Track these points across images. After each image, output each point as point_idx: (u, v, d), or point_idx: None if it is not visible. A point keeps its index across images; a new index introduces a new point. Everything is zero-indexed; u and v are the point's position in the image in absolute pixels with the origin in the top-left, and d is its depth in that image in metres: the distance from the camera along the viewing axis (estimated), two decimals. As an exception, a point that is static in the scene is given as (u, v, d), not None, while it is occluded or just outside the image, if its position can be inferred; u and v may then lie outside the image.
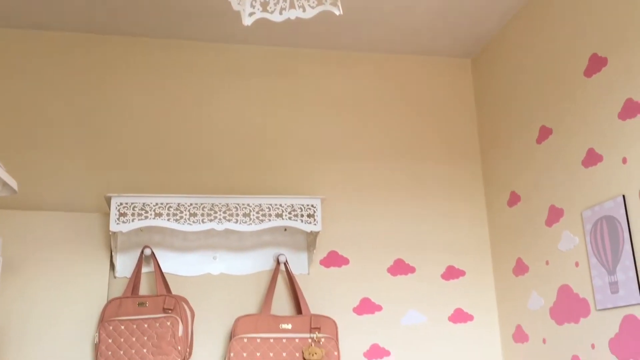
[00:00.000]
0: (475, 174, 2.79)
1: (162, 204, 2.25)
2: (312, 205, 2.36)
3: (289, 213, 2.33)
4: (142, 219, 2.22)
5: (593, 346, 2.03)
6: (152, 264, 2.40)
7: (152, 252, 2.36)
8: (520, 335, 2.46)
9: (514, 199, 2.53)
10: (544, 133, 2.33)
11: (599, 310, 2.01)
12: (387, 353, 2.51)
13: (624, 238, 1.89)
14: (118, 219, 2.20)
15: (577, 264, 2.12)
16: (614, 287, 1.93)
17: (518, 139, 2.51)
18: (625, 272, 1.88)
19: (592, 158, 2.06)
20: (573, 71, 2.17)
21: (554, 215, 2.26)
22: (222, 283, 2.46)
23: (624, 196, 1.90)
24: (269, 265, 2.50)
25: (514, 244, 2.51)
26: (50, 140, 2.51)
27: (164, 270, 2.40)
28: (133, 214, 2.22)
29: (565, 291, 2.19)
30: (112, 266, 2.37)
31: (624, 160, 1.91)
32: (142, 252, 2.35)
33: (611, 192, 1.97)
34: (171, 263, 2.43)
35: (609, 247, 1.96)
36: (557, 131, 2.26)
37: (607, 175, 1.99)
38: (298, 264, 2.52)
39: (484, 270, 2.67)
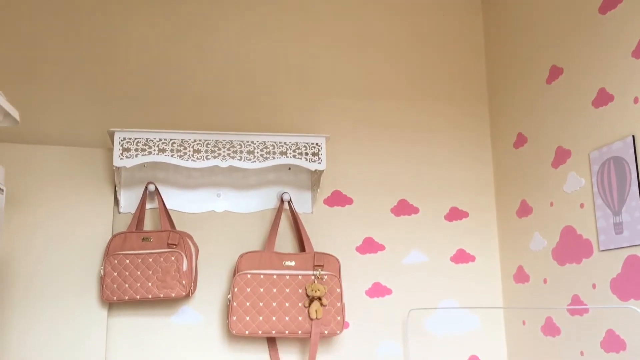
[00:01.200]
0: (482, 115, 2.76)
1: (165, 139, 2.23)
2: (317, 144, 2.34)
3: (294, 151, 2.31)
4: (145, 155, 2.21)
5: (594, 286, 2.05)
6: (156, 200, 2.40)
7: (156, 188, 2.36)
8: (521, 276, 2.48)
9: (520, 141, 2.50)
10: (555, 73, 2.28)
11: (602, 251, 2.01)
12: (389, 291, 2.54)
13: (632, 179, 1.88)
14: (121, 154, 2.19)
15: (582, 206, 2.12)
16: (618, 228, 1.93)
17: (527, 79, 2.46)
18: (630, 213, 1.88)
19: (602, 98, 2.03)
20: (587, 8, 2.11)
21: (561, 156, 2.24)
22: (226, 220, 2.47)
23: (633, 137, 1.87)
24: (273, 203, 2.51)
25: (519, 186, 2.51)
26: (53, 74, 2.47)
27: (168, 207, 2.40)
28: (137, 150, 2.20)
29: (568, 232, 2.19)
30: (117, 202, 2.38)
31: (636, 100, 1.87)
32: (146, 188, 2.35)
33: (620, 132, 1.94)
34: (175, 200, 2.43)
35: (615, 188, 1.94)
36: (568, 70, 2.21)
37: (617, 115, 1.95)
38: (302, 203, 2.53)
39: (488, 211, 2.68)
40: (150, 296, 2.16)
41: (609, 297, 1.98)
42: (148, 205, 2.40)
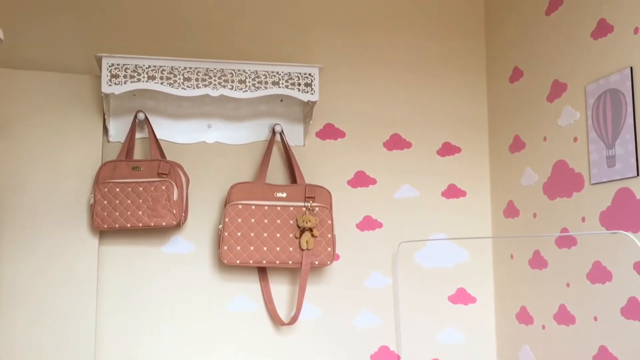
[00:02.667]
0: (478, 50, 2.71)
1: (155, 66, 2.17)
2: (310, 74, 2.29)
3: (286, 81, 2.27)
4: (134, 82, 2.16)
5: (583, 219, 2.06)
6: (146, 130, 2.37)
7: (146, 117, 2.32)
8: (511, 211, 2.49)
9: (516, 75, 2.47)
10: (555, 3, 2.23)
11: (593, 184, 2.02)
12: (380, 225, 2.55)
13: (627, 111, 1.86)
14: (109, 80, 2.14)
15: (575, 139, 2.11)
16: (611, 161, 1.93)
17: (526, 11, 2.41)
18: (624, 145, 1.87)
19: (602, 29, 1.99)
20: None
21: (557, 90, 2.21)
22: (217, 152, 2.44)
23: (631, 68, 1.85)
24: (265, 135, 2.48)
25: (513, 121, 2.49)
26: (36, -3, 2.39)
27: (158, 136, 2.37)
28: (125, 76, 2.15)
29: (560, 166, 2.19)
30: (105, 130, 2.34)
31: (636, 30, 1.84)
32: (136, 116, 2.31)
33: (618, 64, 1.91)
34: (165, 130, 2.40)
35: (610, 121, 1.93)
36: (568, 0, 2.16)
37: (616, 46, 1.92)
38: (294, 135, 2.50)
39: (480, 147, 2.67)
40: (140, 225, 2.15)
41: (598, 229, 1.99)
42: (138, 135, 2.37)
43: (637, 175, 1.83)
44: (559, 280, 2.19)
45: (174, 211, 2.16)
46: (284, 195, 2.32)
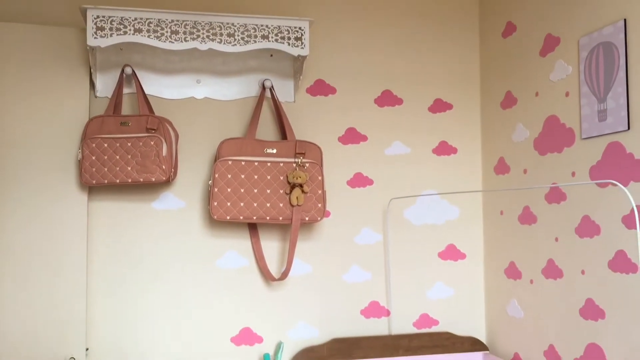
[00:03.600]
0: (471, 5, 2.67)
1: (141, 19, 2.13)
2: (300, 28, 2.25)
3: (276, 35, 2.23)
4: (120, 35, 2.11)
5: (573, 174, 2.07)
6: (133, 85, 2.33)
7: (133, 71, 2.28)
8: (501, 167, 2.49)
9: (509, 29, 2.44)
10: (549, -45, 2.19)
11: (584, 139, 2.01)
12: (370, 182, 2.55)
13: (620, 64, 1.85)
14: (95, 33, 2.09)
15: (567, 94, 2.09)
16: (602, 115, 1.92)
17: (520, -36, 2.36)
18: (616, 99, 1.86)
19: (597, -19, 1.95)
20: None
21: (550, 44, 2.19)
22: (206, 107, 2.41)
23: (625, 20, 1.82)
24: (254, 91, 2.45)
25: (505, 77, 2.47)
26: (17, -53, 2.31)
27: (146, 92, 2.34)
28: (111, 29, 2.10)
29: (551, 122, 2.18)
30: (92, 85, 2.30)
31: (631, -19, 1.81)
32: (123, 70, 2.27)
33: (612, 16, 1.88)
34: (153, 85, 2.36)
35: (602, 74, 1.91)
36: (563, -47, 2.12)
37: (611, -2, 1.89)
38: (284, 91, 2.47)
39: (472, 103, 2.65)
40: (130, 180, 2.14)
41: (589, 184, 2.00)
42: (125, 90, 2.33)
43: (628, 129, 1.82)
44: (547, 235, 2.20)
45: (164, 167, 2.15)
46: (274, 151, 2.31)
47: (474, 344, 2.53)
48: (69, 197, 2.19)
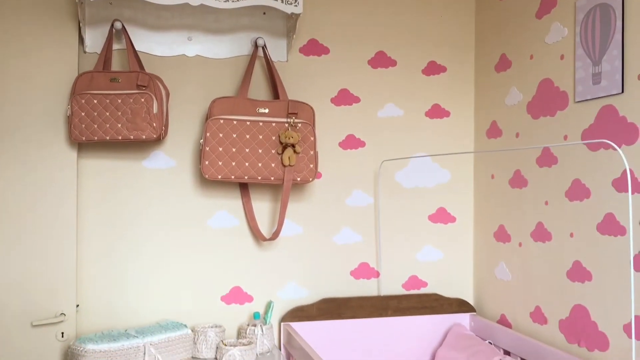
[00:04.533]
0: (467, -34, 2.63)
1: (131, -28, 2.07)
2: (294, -15, 2.21)
3: (269, -8, 2.19)
4: (110, -12, 2.06)
5: (566, 137, 2.07)
6: (123, 41, 2.29)
7: (123, 27, 2.23)
8: (494, 131, 2.49)
9: (506, -9, 2.41)
10: None
11: (577, 102, 2.01)
12: (362, 144, 2.54)
13: (616, 27, 1.83)
14: (84, -15, 2.04)
15: (562, 57, 2.08)
16: (596, 78, 1.91)
17: None
18: (611, 62, 1.85)
19: (596, -59, 1.92)
20: None
21: (546, 5, 2.16)
22: (197, 65, 2.38)
23: (623, -19, 1.81)
24: (247, 50, 2.41)
25: (500, 40, 2.45)
26: None
27: (136, 48, 2.29)
28: (100, -18, 2.05)
29: (545, 85, 2.17)
30: (81, 41, 2.26)
31: (631, -59, 1.78)
32: (112, 25, 2.23)
33: (611, -23, 1.86)
34: (144, 42, 2.32)
35: (598, 36, 1.90)
36: None
37: (610, -41, 1.87)
38: (277, 51, 2.44)
39: (466, 66, 2.63)
40: (120, 138, 2.11)
41: (580, 147, 2.00)
42: (115, 46, 2.29)
43: (622, 92, 1.82)
44: (537, 198, 2.21)
45: (154, 124, 2.12)
46: (266, 111, 2.29)
47: (461, 306, 2.56)
48: (59, 154, 2.16)
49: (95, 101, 2.11)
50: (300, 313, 2.40)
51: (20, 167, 2.12)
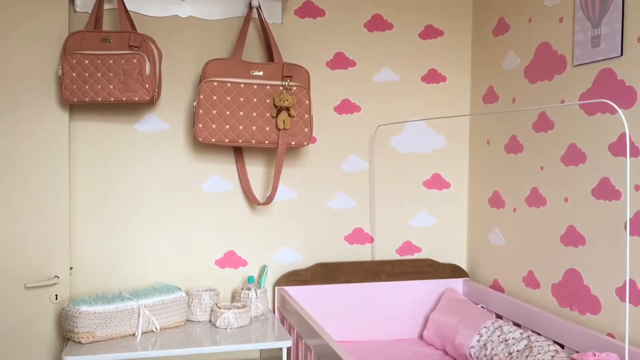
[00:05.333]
0: None
1: None
2: (289, -56, 2.16)
3: (264, -49, 2.14)
4: (100, -56, 2.00)
5: (563, 102, 2.05)
6: (114, 1, 2.24)
7: (114, -15, 2.18)
8: (490, 96, 2.47)
9: (505, -48, 2.37)
10: None
11: (576, 66, 1.99)
12: (358, 109, 2.52)
13: (617, -12, 1.80)
14: (74, -59, 1.98)
15: (561, 20, 2.05)
16: (595, 41, 1.89)
17: None
18: (610, 24, 1.83)
19: None
20: None
21: (546, -32, 2.13)
22: (190, 27, 2.34)
23: (626, -59, 1.77)
24: (241, 11, 2.37)
25: (498, 3, 2.41)
26: None
27: (128, 8, 2.24)
28: (90, -62, 2.00)
29: (543, 49, 2.15)
30: (71, 0, 2.21)
31: None
32: (103, -16, 2.17)
33: (613, -63, 1.83)
34: (135, 1, 2.27)
35: (598, -2, 1.87)
36: None
37: None
38: (272, 12, 2.39)
39: (463, 30, 2.60)
40: (112, 99, 2.08)
41: (577, 112, 1.99)
42: (106, 6, 2.24)
43: (621, 55, 1.80)
44: (533, 164, 2.21)
45: (147, 86, 2.09)
46: (261, 73, 2.25)
47: (454, 271, 2.57)
48: (50, 115, 2.12)
49: (86, 61, 2.07)
50: (294, 277, 2.41)
51: (10, 129, 2.08)
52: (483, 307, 2.37)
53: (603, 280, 1.88)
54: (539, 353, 1.86)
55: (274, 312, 2.41)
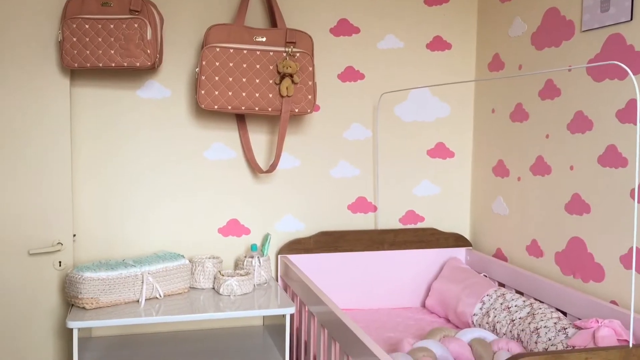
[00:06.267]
0: None
1: None
2: None
3: None
4: None
5: (569, 69, 2.02)
6: (114, -36, 2.19)
7: (114, -52, 2.14)
8: (496, 64, 2.44)
9: None
10: None
11: (584, 31, 1.95)
12: (362, 76, 2.49)
13: (628, -50, 1.76)
14: None
15: (570, -16, 2.01)
16: (605, 5, 1.85)
17: None
18: (621, -12, 1.79)
19: None
20: None
21: None
22: (192, -9, 2.30)
23: None
24: (243, -24, 2.32)
25: (506, -33, 2.37)
26: None
27: (128, -28, 2.20)
28: None
29: (551, 14, 2.11)
30: (71, -37, 2.16)
31: None
32: (103, -54, 2.13)
33: None
34: (136, -35, 2.22)
35: (609, -39, 1.83)
36: None
37: None
38: (274, -23, 2.35)
39: (469, -4, 2.56)
40: (113, 64, 2.05)
41: (584, 78, 1.96)
42: (106, -31, 2.20)
43: (631, 19, 1.76)
44: (538, 132, 2.19)
45: (148, 51, 2.06)
46: (264, 39, 2.22)
47: (457, 240, 2.57)
48: (51, 80, 2.10)
49: (87, 26, 2.04)
50: (297, 246, 2.41)
51: (11, 95, 2.06)
52: (486, 276, 2.38)
53: (607, 248, 1.88)
54: (542, 320, 1.87)
55: (277, 280, 2.42)
